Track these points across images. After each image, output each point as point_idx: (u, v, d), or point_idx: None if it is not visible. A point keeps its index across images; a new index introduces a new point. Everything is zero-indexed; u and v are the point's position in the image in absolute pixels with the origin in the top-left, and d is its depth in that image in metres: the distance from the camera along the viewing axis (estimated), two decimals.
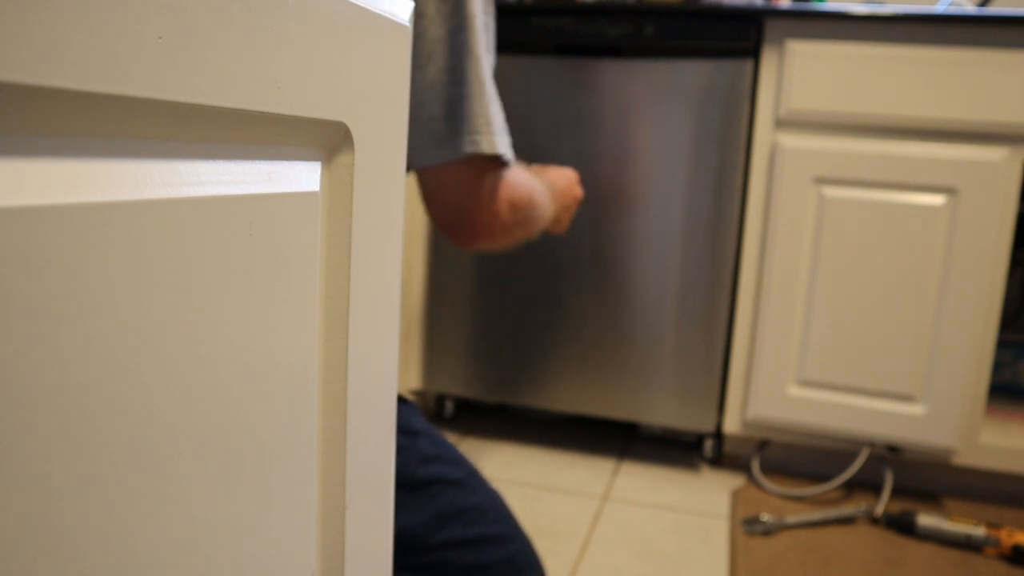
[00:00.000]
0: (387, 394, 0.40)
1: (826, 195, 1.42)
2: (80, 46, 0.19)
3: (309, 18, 0.29)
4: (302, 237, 0.31)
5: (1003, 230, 1.36)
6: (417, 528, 0.91)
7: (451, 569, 0.91)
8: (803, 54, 1.39)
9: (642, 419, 1.61)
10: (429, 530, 0.91)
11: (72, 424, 0.21)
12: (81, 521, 0.21)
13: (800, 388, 1.48)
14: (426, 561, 0.91)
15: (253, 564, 0.30)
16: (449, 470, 0.95)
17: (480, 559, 0.93)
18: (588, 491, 1.50)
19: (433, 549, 0.91)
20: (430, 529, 0.91)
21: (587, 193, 1.53)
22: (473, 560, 0.92)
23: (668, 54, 1.47)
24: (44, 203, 0.19)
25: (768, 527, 1.36)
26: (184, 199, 0.24)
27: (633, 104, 1.50)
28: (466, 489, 0.96)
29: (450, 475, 0.95)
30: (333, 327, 0.34)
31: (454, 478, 0.95)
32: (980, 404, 1.42)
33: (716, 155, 1.47)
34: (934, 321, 1.39)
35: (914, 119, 1.37)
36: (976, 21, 1.32)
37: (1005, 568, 1.27)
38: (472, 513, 0.94)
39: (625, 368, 1.58)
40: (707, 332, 1.53)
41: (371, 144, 0.35)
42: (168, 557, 0.25)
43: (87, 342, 0.21)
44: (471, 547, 0.93)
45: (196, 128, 0.25)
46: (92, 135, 0.22)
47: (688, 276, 1.52)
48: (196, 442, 0.26)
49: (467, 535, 0.93)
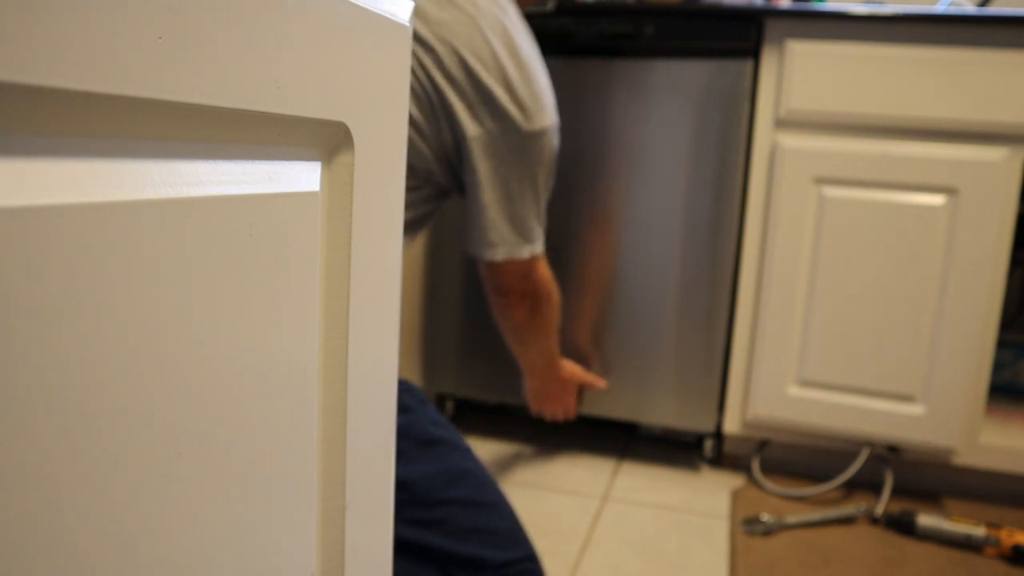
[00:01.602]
0: (387, 394, 0.40)
1: (826, 195, 1.42)
2: (80, 46, 0.19)
3: (309, 18, 0.29)
4: (302, 237, 0.31)
5: (1003, 230, 1.36)
6: (430, 480, 0.95)
7: (456, 527, 0.94)
8: (803, 54, 1.39)
9: (642, 419, 1.61)
10: (439, 484, 0.95)
11: (72, 424, 0.21)
12: (81, 521, 0.21)
13: (800, 388, 1.48)
14: (433, 515, 0.94)
15: (253, 564, 0.30)
16: (455, 437, 1.02)
17: (485, 524, 0.96)
18: (588, 491, 1.50)
19: (441, 504, 0.95)
20: (440, 483, 0.95)
21: (586, 194, 1.54)
22: (477, 523, 0.96)
23: (668, 54, 1.47)
24: (44, 203, 0.19)
25: (768, 527, 1.36)
26: (184, 199, 0.24)
27: (633, 104, 1.50)
28: (470, 458, 1.02)
29: (456, 441, 1.02)
30: (333, 327, 0.34)
31: (460, 445, 1.01)
32: (980, 404, 1.42)
33: (716, 155, 1.47)
34: (934, 321, 1.39)
35: (914, 119, 1.37)
36: (976, 21, 1.32)
37: (1005, 568, 1.27)
38: (476, 478, 0.99)
39: (625, 368, 1.58)
40: (707, 332, 1.53)
41: (371, 144, 0.35)
42: (168, 557, 0.25)
43: (87, 342, 0.21)
44: (476, 509, 0.97)
45: (196, 128, 0.25)
46: (92, 135, 0.22)
47: (688, 276, 1.52)
48: (196, 442, 0.26)
49: (472, 497, 0.97)
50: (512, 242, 1.10)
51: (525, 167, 1.06)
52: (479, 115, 1.01)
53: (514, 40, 1.02)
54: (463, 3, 1.00)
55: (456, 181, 1.10)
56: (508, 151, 1.03)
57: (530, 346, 1.31)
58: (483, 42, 0.99)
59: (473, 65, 0.98)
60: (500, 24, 1.01)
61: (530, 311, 1.22)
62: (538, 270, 1.18)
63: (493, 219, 1.08)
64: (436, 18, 0.98)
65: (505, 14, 1.03)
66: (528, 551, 0.97)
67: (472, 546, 0.93)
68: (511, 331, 1.27)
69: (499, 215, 1.08)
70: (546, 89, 1.06)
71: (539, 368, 1.37)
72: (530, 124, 1.03)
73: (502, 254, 1.11)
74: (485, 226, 1.08)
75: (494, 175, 1.04)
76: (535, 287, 1.19)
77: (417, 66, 0.98)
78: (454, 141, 1.03)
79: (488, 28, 1.00)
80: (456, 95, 1.00)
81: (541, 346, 1.31)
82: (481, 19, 1.00)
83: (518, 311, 1.22)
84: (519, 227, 1.10)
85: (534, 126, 1.03)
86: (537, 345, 1.31)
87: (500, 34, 1.01)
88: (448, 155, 1.05)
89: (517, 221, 1.09)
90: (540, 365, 1.36)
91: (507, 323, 1.25)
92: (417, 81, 0.99)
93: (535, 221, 1.12)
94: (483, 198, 1.06)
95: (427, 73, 0.99)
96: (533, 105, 1.03)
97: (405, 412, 0.99)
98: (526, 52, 1.03)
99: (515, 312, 1.22)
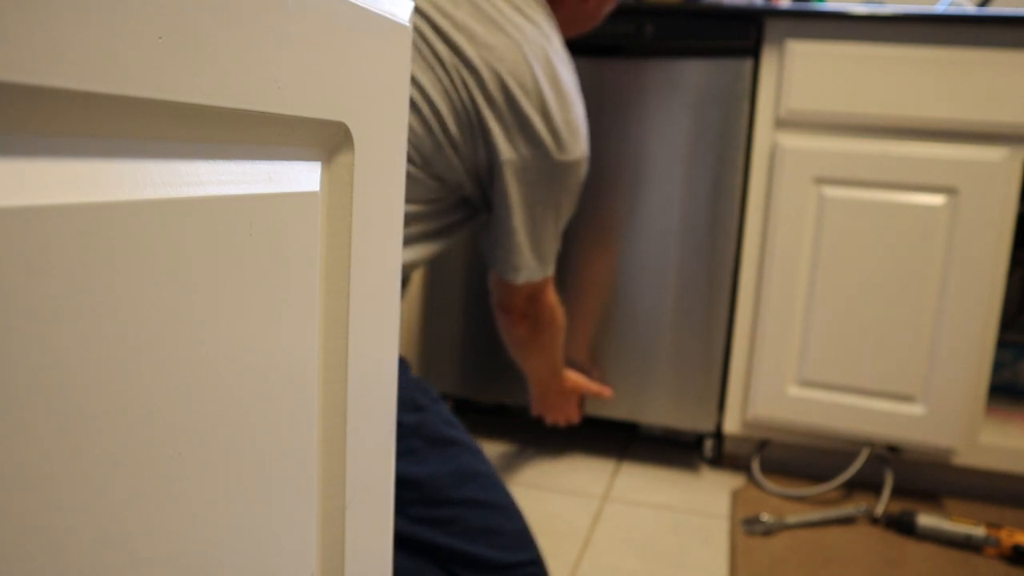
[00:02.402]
0: (387, 394, 0.40)
1: (826, 195, 1.42)
2: (80, 46, 0.19)
3: (309, 18, 0.29)
4: (302, 237, 0.31)
5: (1003, 230, 1.36)
6: (440, 479, 0.96)
7: (464, 526, 0.95)
8: (803, 54, 1.39)
9: (642, 419, 1.61)
10: (450, 483, 0.96)
11: (72, 424, 0.21)
12: (82, 520, 0.21)
13: (800, 388, 1.48)
14: (444, 514, 0.95)
15: (253, 564, 0.30)
16: (466, 437, 1.03)
17: (494, 525, 0.97)
18: (588, 491, 1.50)
19: (452, 503, 0.95)
20: (451, 482, 0.96)
21: (585, 193, 1.54)
22: (487, 524, 0.97)
23: (668, 53, 1.47)
24: (44, 203, 0.19)
25: (768, 527, 1.36)
26: (184, 199, 0.24)
27: (633, 103, 1.50)
28: (480, 459, 1.03)
29: (468, 442, 1.03)
30: (333, 327, 0.34)
31: (472, 446, 1.03)
32: (980, 404, 1.42)
33: (716, 155, 1.47)
34: (934, 321, 1.39)
35: (914, 119, 1.37)
36: (976, 21, 1.32)
37: (1005, 568, 1.27)
38: (487, 479, 1.00)
39: (625, 368, 1.58)
40: (707, 332, 1.53)
41: (371, 144, 0.35)
42: (168, 557, 0.25)
43: (87, 342, 0.21)
44: (487, 510, 0.98)
45: (196, 128, 0.25)
46: (92, 135, 0.22)
47: (687, 276, 1.52)
48: (196, 442, 0.26)
49: (482, 498, 0.98)
50: (533, 268, 1.14)
51: (552, 194, 1.08)
52: (514, 140, 1.02)
53: (556, 70, 1.04)
54: (511, 29, 1.01)
55: (483, 198, 1.12)
56: (539, 178, 1.06)
57: (531, 359, 1.35)
58: (527, 69, 1.01)
59: (514, 91, 1.00)
60: (544, 53, 1.03)
61: (531, 330, 1.26)
62: (545, 293, 1.21)
63: (520, 243, 1.11)
64: (484, 41, 1.00)
65: (550, 43, 1.05)
66: (533, 555, 0.97)
67: (478, 546, 0.93)
68: (513, 344, 1.31)
69: (525, 240, 1.11)
70: (581, 120, 1.08)
71: (541, 378, 1.41)
72: (562, 154, 1.05)
73: (523, 278, 1.14)
74: (511, 249, 1.11)
75: (524, 200, 1.07)
76: (538, 311, 1.23)
77: (461, 85, 1.00)
78: (488, 161, 1.05)
79: (533, 56, 1.01)
80: (495, 118, 1.01)
81: (543, 360, 1.35)
82: (527, 47, 1.01)
83: (520, 329, 1.25)
84: (539, 252, 1.13)
85: (567, 156, 1.05)
86: (538, 359, 1.34)
87: (543, 63, 1.02)
88: (480, 173, 1.07)
89: (538, 246, 1.12)
90: (542, 375, 1.40)
91: (509, 337, 1.29)
92: (460, 99, 1.01)
93: (552, 245, 1.15)
94: (512, 221, 1.08)
95: (469, 93, 1.00)
96: (568, 136, 1.05)
97: (419, 411, 0.99)
98: (566, 82, 1.05)
99: (517, 329, 1.26)
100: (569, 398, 1.49)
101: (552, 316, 1.26)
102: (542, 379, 1.40)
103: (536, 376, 1.40)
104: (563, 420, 1.51)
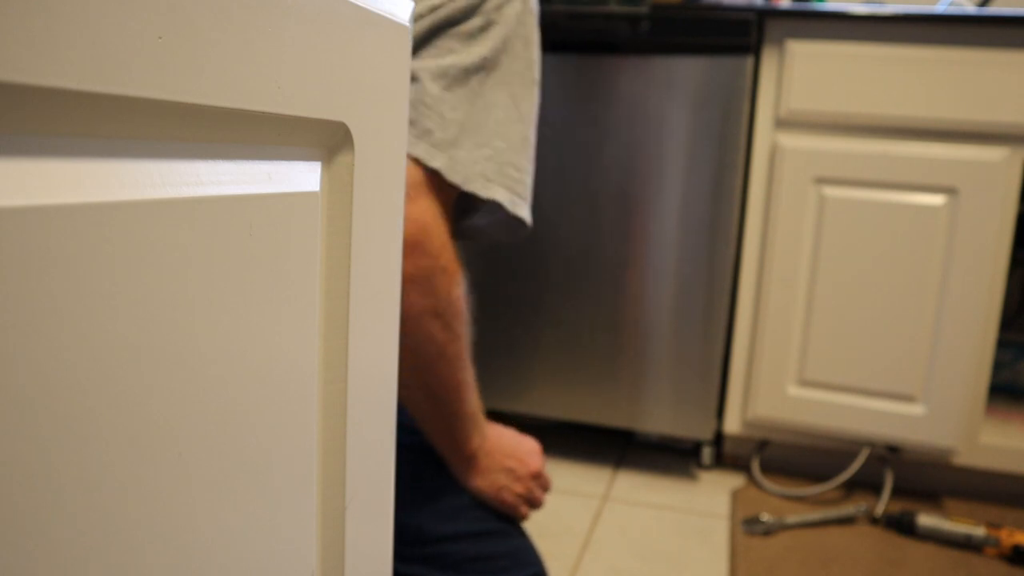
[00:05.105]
0: (387, 394, 0.40)
1: (826, 195, 1.42)
2: (80, 46, 0.19)
3: (309, 18, 0.29)
4: (302, 237, 0.31)
5: (1003, 230, 1.36)
6: (420, 522, 0.91)
7: (453, 560, 0.91)
8: (803, 54, 1.39)
9: (638, 426, 1.59)
10: (432, 524, 0.91)
11: (72, 424, 0.21)
12: (82, 521, 0.21)
13: (800, 388, 1.47)
14: (426, 553, 0.91)
15: (253, 564, 0.30)
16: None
17: (483, 551, 0.93)
18: (588, 491, 1.50)
19: (435, 542, 0.91)
20: (433, 523, 0.91)
21: (586, 193, 1.53)
22: (476, 552, 0.92)
23: (667, 51, 1.47)
24: (44, 203, 0.19)
25: (768, 527, 1.36)
26: (184, 199, 0.24)
27: (632, 101, 1.49)
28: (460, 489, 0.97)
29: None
30: (333, 327, 0.34)
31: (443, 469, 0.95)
32: (980, 404, 1.42)
33: (715, 154, 1.47)
34: (934, 321, 1.39)
35: (914, 119, 1.37)
36: (976, 21, 1.32)
37: (1005, 568, 1.27)
38: (475, 510, 0.95)
39: (621, 374, 1.58)
40: (705, 337, 1.53)
41: (371, 144, 0.35)
42: (169, 557, 0.25)
43: (87, 342, 0.21)
44: (472, 540, 0.93)
45: (196, 128, 0.25)
46: (92, 135, 0.22)
47: (686, 278, 1.52)
48: (196, 442, 0.26)
49: (470, 529, 0.93)
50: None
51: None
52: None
53: None
54: None
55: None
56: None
57: (439, 378, 0.83)
58: None
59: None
60: None
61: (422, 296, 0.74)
62: (423, 200, 0.72)
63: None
64: None
65: None
66: (533, 570, 0.94)
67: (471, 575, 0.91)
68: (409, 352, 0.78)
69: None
70: None
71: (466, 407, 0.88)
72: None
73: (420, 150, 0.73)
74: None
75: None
76: (416, 238, 0.69)
77: None
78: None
79: None
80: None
81: (460, 376, 0.84)
82: None
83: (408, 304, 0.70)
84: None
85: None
86: (450, 374, 0.83)
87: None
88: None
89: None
90: (464, 399, 0.87)
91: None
92: None
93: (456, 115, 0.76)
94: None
95: None
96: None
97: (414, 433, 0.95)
98: None
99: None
100: (519, 456, 0.92)
101: (446, 275, 0.73)
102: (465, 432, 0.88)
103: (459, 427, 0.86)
104: (529, 481, 0.93)
